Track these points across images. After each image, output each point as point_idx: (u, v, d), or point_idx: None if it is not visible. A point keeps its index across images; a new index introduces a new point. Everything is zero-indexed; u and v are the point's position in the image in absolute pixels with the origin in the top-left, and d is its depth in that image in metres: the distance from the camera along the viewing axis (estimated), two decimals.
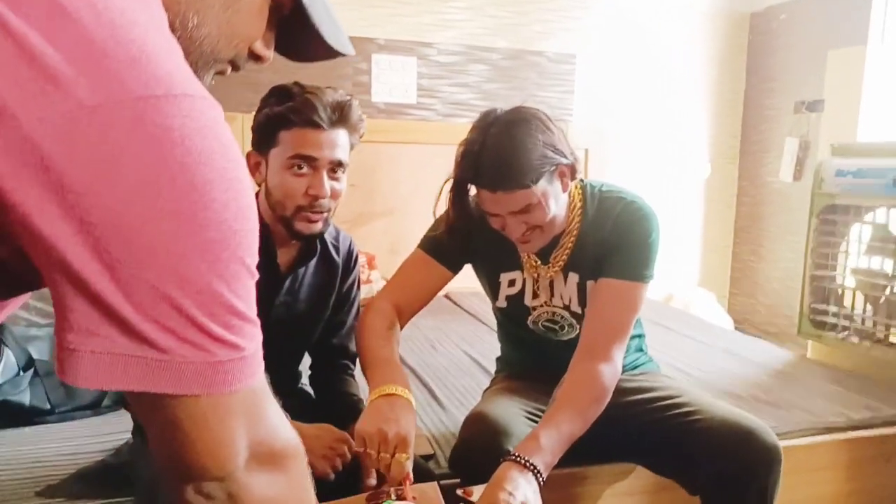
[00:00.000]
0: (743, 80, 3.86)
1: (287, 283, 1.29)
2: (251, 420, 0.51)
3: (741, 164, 3.93)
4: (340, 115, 1.19)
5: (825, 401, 1.84)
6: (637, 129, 3.71)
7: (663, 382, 1.41)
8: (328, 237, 1.35)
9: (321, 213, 1.22)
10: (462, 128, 1.33)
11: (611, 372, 1.23)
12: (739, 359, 2.24)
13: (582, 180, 1.38)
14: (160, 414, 0.47)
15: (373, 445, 1.05)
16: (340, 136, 1.20)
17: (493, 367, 1.66)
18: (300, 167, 1.18)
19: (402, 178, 3.16)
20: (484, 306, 1.50)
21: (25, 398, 1.61)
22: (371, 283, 2.92)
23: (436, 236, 1.39)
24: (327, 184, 1.20)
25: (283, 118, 1.17)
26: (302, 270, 1.31)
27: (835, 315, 2.29)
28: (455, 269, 1.40)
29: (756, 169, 3.83)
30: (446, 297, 3.13)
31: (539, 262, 1.38)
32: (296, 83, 1.20)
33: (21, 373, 1.64)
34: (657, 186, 3.72)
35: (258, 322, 0.51)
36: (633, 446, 1.36)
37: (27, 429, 1.57)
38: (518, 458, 1.08)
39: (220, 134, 0.45)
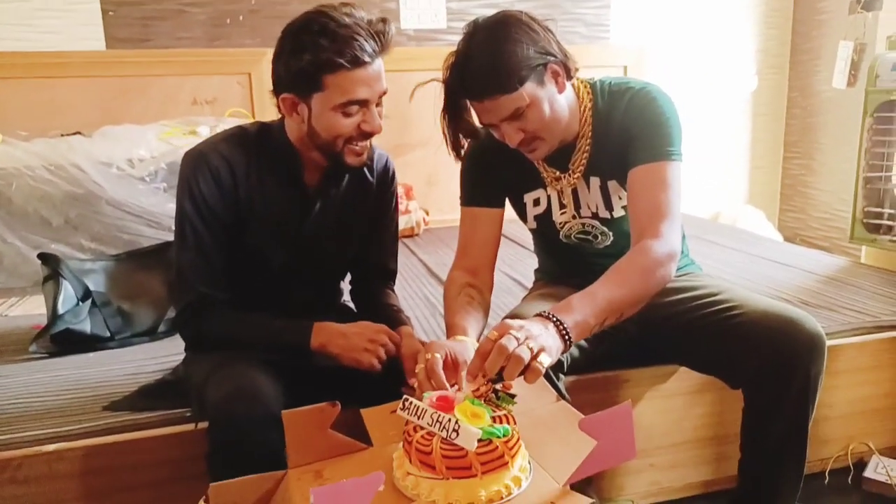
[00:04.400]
0: None
1: (318, 202, 1.29)
2: None
3: (791, 75, 3.74)
4: (381, 43, 1.14)
5: (878, 302, 1.79)
6: (678, 43, 3.55)
7: (704, 281, 1.39)
8: None
9: (368, 141, 1.21)
10: None
11: (661, 246, 1.16)
12: (788, 268, 2.18)
13: (592, 79, 1.35)
14: None
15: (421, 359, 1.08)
16: (381, 63, 1.16)
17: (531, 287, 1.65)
18: (351, 109, 1.15)
19: (437, 107, 3.11)
20: (524, 231, 1.50)
21: (87, 326, 1.70)
22: (410, 213, 2.93)
23: (463, 185, 1.42)
24: (377, 116, 1.18)
25: (328, 63, 1.10)
26: (333, 189, 1.31)
27: (891, 217, 2.20)
28: (497, 202, 1.40)
29: (807, 78, 3.64)
30: None
31: (559, 173, 1.35)
32: (323, 12, 1.12)
33: (79, 303, 1.72)
34: (701, 104, 3.58)
35: None
36: (675, 347, 1.36)
37: (90, 354, 1.66)
38: (541, 313, 1.06)
39: None
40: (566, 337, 1.04)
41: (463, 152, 1.36)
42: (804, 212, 3.74)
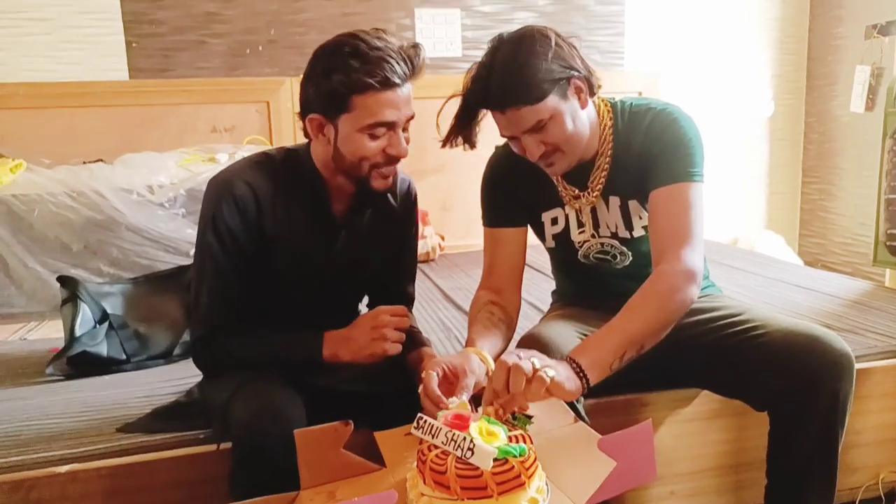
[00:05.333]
0: (807, 8, 3.64)
1: (344, 231, 1.28)
2: None
3: (808, 100, 3.73)
4: (412, 68, 1.14)
5: None
6: (694, 70, 3.56)
7: (724, 303, 1.36)
8: None
9: (394, 166, 1.20)
10: None
11: (679, 270, 1.15)
12: (810, 292, 2.14)
13: (613, 98, 1.35)
14: None
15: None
16: (411, 88, 1.16)
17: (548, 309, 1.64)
18: (378, 131, 1.14)
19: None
20: (538, 255, 1.49)
21: (103, 349, 1.70)
22: (425, 238, 2.93)
23: (484, 206, 1.42)
24: (403, 141, 1.17)
25: (358, 84, 1.10)
26: (359, 218, 1.29)
27: None
28: (518, 222, 1.40)
29: (824, 103, 3.63)
30: None
31: (578, 191, 1.35)
32: (355, 35, 1.13)
33: (97, 326, 1.73)
34: (718, 130, 3.57)
35: None
36: (696, 370, 1.33)
37: (106, 377, 1.66)
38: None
39: None
40: (581, 375, 1.04)
41: (482, 174, 1.38)
42: (825, 237, 3.69)
